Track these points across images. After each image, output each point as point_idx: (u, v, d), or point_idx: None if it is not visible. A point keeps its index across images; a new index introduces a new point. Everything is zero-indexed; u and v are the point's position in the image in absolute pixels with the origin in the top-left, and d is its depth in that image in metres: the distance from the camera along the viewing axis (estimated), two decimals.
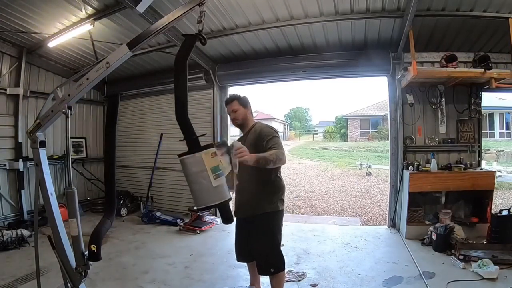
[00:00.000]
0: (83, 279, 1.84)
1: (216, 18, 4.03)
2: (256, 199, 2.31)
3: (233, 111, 2.39)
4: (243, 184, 2.17)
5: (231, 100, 2.42)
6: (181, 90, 1.76)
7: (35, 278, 2.00)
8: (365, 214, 6.33)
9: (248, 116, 2.42)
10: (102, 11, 3.88)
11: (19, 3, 3.67)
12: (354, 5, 3.65)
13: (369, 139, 23.55)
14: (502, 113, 17.68)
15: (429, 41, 4.13)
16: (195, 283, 3.07)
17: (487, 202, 3.95)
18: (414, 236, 4.03)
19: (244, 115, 2.39)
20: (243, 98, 2.43)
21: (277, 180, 2.37)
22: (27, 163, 4.95)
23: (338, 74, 4.90)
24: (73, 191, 1.82)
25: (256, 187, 2.29)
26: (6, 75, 4.83)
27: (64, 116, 1.78)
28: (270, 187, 2.33)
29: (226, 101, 2.45)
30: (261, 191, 2.30)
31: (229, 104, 2.41)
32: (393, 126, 4.56)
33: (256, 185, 2.28)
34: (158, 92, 5.85)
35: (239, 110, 2.38)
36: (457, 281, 2.86)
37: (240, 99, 2.41)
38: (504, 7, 3.43)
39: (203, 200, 1.66)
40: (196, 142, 1.73)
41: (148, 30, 1.73)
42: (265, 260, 2.35)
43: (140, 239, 4.38)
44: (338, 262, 3.49)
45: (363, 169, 11.67)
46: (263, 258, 2.36)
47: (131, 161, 6.27)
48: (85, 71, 1.83)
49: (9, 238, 3.90)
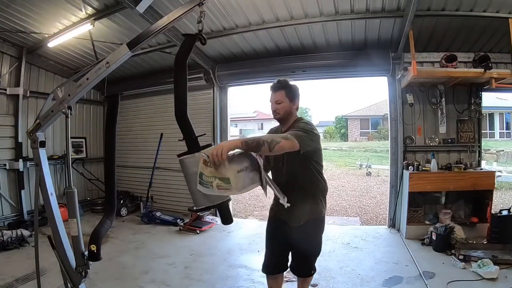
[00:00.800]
0: (83, 279, 1.85)
1: (216, 18, 4.03)
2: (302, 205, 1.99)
3: (276, 102, 2.00)
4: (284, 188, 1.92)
5: (277, 88, 2.01)
6: (181, 90, 1.76)
7: (35, 278, 2.00)
8: (365, 214, 6.33)
9: (292, 111, 2.03)
10: (102, 11, 3.88)
11: (19, 3, 3.67)
12: (354, 5, 3.65)
13: (369, 139, 23.53)
14: (502, 113, 17.65)
15: (429, 41, 4.13)
16: (195, 283, 3.06)
17: (487, 202, 3.95)
18: (414, 236, 4.03)
19: (288, 110, 2.01)
20: (292, 89, 2.02)
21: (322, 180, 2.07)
22: (27, 163, 4.95)
23: (338, 74, 4.90)
24: (73, 191, 1.82)
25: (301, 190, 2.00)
26: (6, 75, 4.83)
27: (64, 116, 1.78)
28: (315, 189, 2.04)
29: (273, 87, 2.04)
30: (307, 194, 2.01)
31: (274, 92, 2.02)
32: (393, 126, 4.56)
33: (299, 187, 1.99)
34: (158, 92, 5.86)
35: (283, 103, 1.99)
36: (457, 281, 2.86)
37: (289, 90, 2.00)
38: (504, 7, 3.43)
39: (202, 201, 1.66)
40: (195, 142, 1.73)
41: (148, 30, 1.73)
42: (308, 264, 2.20)
43: (140, 239, 4.38)
44: (338, 262, 3.49)
45: (363, 169, 11.67)
46: (307, 263, 2.19)
47: (131, 161, 6.28)
48: (85, 71, 1.84)
49: (9, 238, 3.90)
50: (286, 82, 2.03)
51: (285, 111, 2.00)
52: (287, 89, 2.00)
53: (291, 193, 1.89)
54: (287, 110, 2.00)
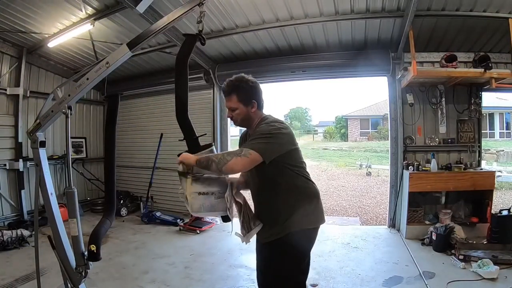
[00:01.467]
0: (83, 279, 1.85)
1: (216, 18, 4.03)
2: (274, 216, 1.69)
3: (230, 109, 1.71)
4: (256, 197, 1.77)
5: (227, 93, 1.70)
6: (182, 90, 1.77)
7: (35, 278, 2.00)
8: (365, 214, 6.33)
9: (251, 115, 1.71)
10: (102, 11, 3.88)
11: (19, 3, 3.67)
12: (354, 5, 3.65)
13: (369, 139, 23.53)
14: (502, 113, 17.65)
15: (429, 41, 4.13)
16: (195, 283, 3.06)
17: (487, 202, 3.95)
18: (414, 236, 4.03)
19: (246, 116, 1.70)
20: (245, 90, 1.67)
21: (303, 182, 1.74)
22: (27, 163, 4.94)
23: (338, 74, 4.90)
24: (73, 191, 1.82)
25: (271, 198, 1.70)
26: (6, 75, 4.83)
27: (64, 116, 1.78)
28: (295, 194, 1.69)
29: (222, 91, 1.75)
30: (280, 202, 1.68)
31: (225, 97, 1.73)
32: (393, 126, 4.56)
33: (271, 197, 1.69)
34: (158, 92, 5.86)
35: (238, 109, 1.68)
36: (457, 281, 2.86)
37: (241, 93, 1.67)
38: (504, 7, 3.43)
39: None
40: (196, 143, 1.73)
41: (148, 30, 1.73)
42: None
43: (140, 239, 4.38)
44: (338, 262, 3.48)
45: (363, 169, 11.67)
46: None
47: (131, 161, 6.27)
48: (85, 71, 1.84)
49: (9, 238, 3.90)
50: (236, 83, 1.67)
51: (242, 118, 1.70)
52: (239, 91, 1.66)
53: (263, 204, 1.72)
54: (245, 116, 1.70)
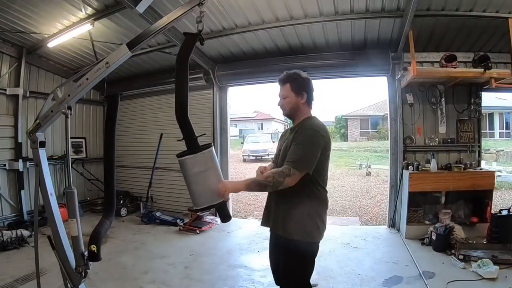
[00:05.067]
0: (83, 279, 1.84)
1: (216, 18, 4.03)
2: (282, 216, 1.74)
3: (282, 97, 1.83)
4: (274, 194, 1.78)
5: (282, 81, 1.83)
6: (182, 90, 1.77)
7: (35, 278, 2.00)
8: (365, 214, 6.33)
9: (300, 106, 1.80)
10: (102, 11, 3.88)
11: (19, 3, 3.67)
12: (354, 5, 3.65)
13: (369, 139, 23.52)
14: (502, 113, 17.68)
15: (429, 41, 4.13)
16: (195, 283, 3.06)
17: (487, 202, 3.95)
18: (414, 236, 4.03)
19: (295, 105, 1.80)
20: (298, 82, 1.80)
21: (317, 193, 1.74)
22: (27, 163, 4.94)
23: (338, 74, 4.90)
24: (73, 191, 1.82)
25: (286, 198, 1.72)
26: (6, 75, 4.83)
27: (64, 116, 1.78)
28: (305, 203, 1.70)
29: (279, 80, 1.87)
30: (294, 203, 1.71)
31: (280, 85, 1.85)
32: (393, 126, 4.56)
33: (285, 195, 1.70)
34: (158, 92, 5.85)
35: (288, 97, 1.80)
36: (457, 281, 2.86)
37: (295, 83, 1.79)
38: (504, 7, 3.43)
39: (203, 201, 1.67)
40: (195, 143, 1.73)
41: (148, 30, 1.73)
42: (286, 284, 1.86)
43: (140, 239, 4.38)
44: (338, 262, 3.48)
45: (363, 169, 11.66)
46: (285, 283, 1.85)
47: (131, 161, 6.27)
48: (85, 71, 1.84)
49: (9, 238, 3.90)
50: (292, 74, 1.81)
51: (291, 107, 1.81)
52: (293, 82, 1.80)
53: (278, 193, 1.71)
54: (294, 105, 1.81)
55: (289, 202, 1.71)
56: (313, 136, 1.66)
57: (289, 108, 1.82)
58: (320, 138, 1.67)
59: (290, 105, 1.81)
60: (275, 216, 1.78)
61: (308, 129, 1.69)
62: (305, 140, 1.64)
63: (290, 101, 1.81)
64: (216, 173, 1.68)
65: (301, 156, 1.62)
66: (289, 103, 1.81)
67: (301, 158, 1.61)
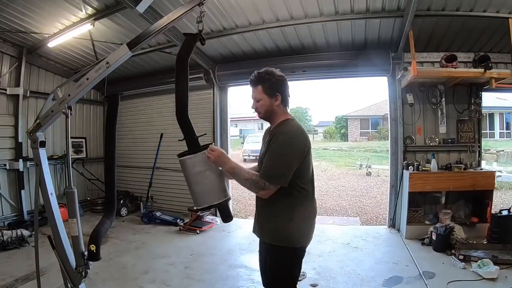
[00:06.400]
0: (83, 279, 1.85)
1: (216, 18, 4.03)
2: (264, 223, 1.73)
3: (255, 100, 1.71)
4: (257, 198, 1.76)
5: (253, 83, 1.70)
6: (182, 90, 1.76)
7: (35, 278, 2.00)
8: (365, 214, 6.32)
9: (275, 108, 1.69)
10: (102, 11, 3.88)
11: (19, 3, 3.66)
12: (354, 5, 3.65)
13: (369, 139, 23.54)
14: (502, 113, 17.68)
15: (429, 41, 4.13)
16: (195, 283, 3.06)
17: (487, 202, 3.95)
18: (414, 236, 4.03)
19: (269, 107, 1.69)
20: (271, 83, 1.66)
21: (300, 195, 1.65)
22: (27, 163, 4.95)
23: (338, 74, 4.91)
24: (73, 191, 1.82)
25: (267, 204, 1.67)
26: (6, 75, 4.83)
27: (64, 116, 1.78)
28: (285, 208, 1.63)
29: (250, 81, 1.73)
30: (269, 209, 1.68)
31: (252, 87, 1.73)
32: (393, 126, 4.56)
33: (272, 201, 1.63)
34: (158, 92, 5.86)
35: (262, 100, 1.68)
36: (457, 281, 2.86)
37: (266, 84, 1.66)
38: (504, 7, 3.43)
39: (204, 200, 1.66)
40: (196, 142, 1.73)
41: (148, 30, 1.73)
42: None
43: (140, 239, 4.38)
44: (338, 262, 3.49)
45: (363, 169, 11.66)
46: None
47: (131, 161, 6.28)
48: (85, 71, 1.84)
49: (9, 238, 3.90)
50: (264, 75, 1.67)
51: (265, 109, 1.70)
52: (265, 83, 1.66)
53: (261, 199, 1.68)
54: (268, 108, 1.69)
55: (269, 209, 1.68)
56: (288, 144, 1.56)
57: (264, 111, 1.71)
58: (296, 146, 1.58)
59: (264, 107, 1.70)
60: (259, 222, 1.77)
61: (283, 136, 1.59)
62: (280, 149, 1.56)
63: (263, 104, 1.69)
64: (217, 173, 1.68)
65: (275, 169, 1.54)
66: (263, 105, 1.69)
67: (275, 172, 1.54)
